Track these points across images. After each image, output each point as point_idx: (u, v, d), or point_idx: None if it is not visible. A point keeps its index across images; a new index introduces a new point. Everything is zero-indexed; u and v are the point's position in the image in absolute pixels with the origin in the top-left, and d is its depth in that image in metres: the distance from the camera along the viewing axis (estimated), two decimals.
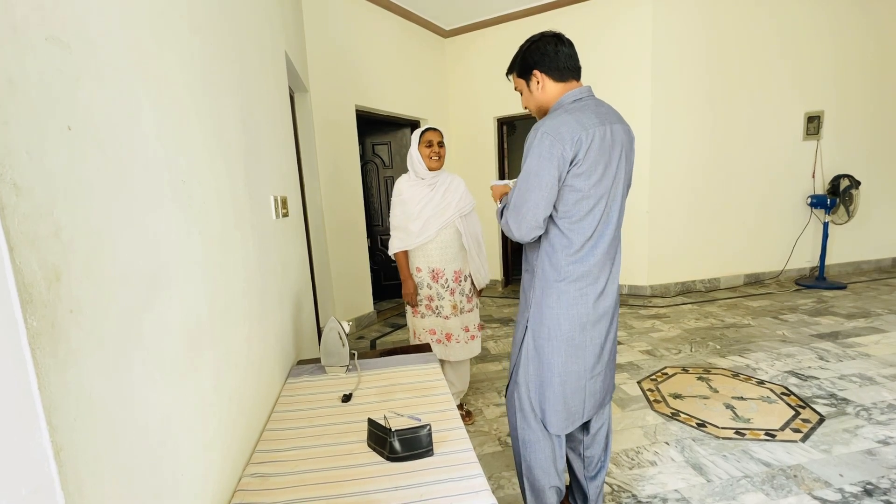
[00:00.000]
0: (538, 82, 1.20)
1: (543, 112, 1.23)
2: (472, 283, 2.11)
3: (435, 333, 2.05)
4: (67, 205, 0.49)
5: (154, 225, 0.69)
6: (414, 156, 1.98)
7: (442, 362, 2.11)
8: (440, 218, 1.97)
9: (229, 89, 1.17)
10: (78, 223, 0.51)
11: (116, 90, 0.62)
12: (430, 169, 1.97)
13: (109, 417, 0.54)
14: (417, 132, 1.99)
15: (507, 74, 1.29)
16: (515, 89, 1.29)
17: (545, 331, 1.22)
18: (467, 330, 2.08)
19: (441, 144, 1.97)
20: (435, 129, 1.98)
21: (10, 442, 0.41)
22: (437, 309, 2.04)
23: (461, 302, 2.05)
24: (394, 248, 2.03)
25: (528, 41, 1.21)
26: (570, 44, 1.19)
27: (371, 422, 1.07)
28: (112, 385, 0.55)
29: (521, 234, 1.17)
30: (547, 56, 1.17)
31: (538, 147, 1.11)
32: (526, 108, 1.29)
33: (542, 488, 1.32)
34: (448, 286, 2.03)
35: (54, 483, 0.44)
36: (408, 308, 2.12)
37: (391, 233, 2.06)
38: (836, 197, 4.15)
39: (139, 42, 0.69)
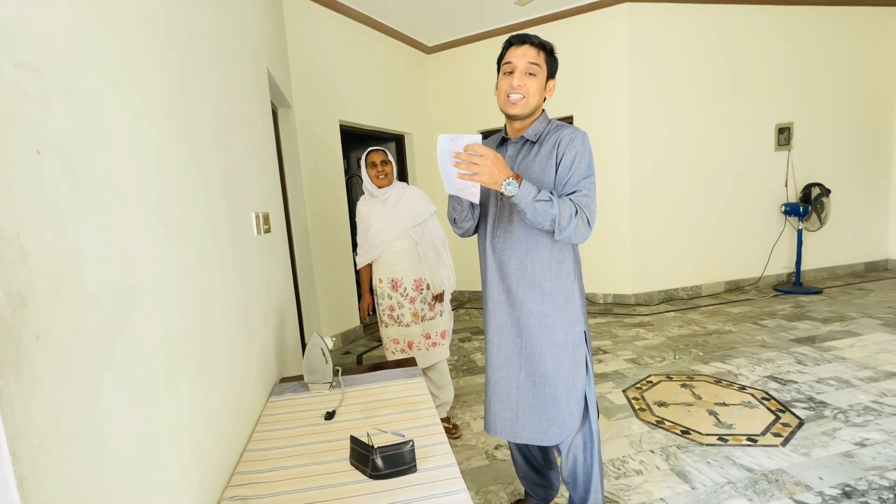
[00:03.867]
0: (550, 90, 1.22)
1: (531, 107, 1.19)
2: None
3: (398, 343, 2.12)
4: (35, 229, 0.49)
5: (128, 246, 0.69)
6: (364, 178, 2.12)
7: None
8: (394, 229, 2.06)
9: (209, 107, 1.17)
10: (46, 247, 0.50)
11: (89, 112, 0.61)
12: (379, 187, 2.09)
13: (77, 444, 0.53)
14: (363, 155, 2.10)
15: (537, 43, 1.16)
16: (532, 62, 1.15)
17: (588, 332, 1.27)
18: (428, 337, 2.12)
19: (385, 163, 2.08)
20: (377, 150, 2.09)
21: None
22: (398, 318, 2.10)
23: (423, 310, 2.10)
24: (359, 263, 2.18)
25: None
26: None
27: (353, 439, 1.06)
28: (80, 410, 0.54)
29: (589, 232, 1.13)
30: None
31: (591, 149, 1.18)
32: (519, 87, 1.16)
33: None
34: (408, 295, 2.09)
35: None
36: (378, 318, 2.19)
37: (357, 250, 2.18)
38: (809, 205, 4.30)
39: (114, 63, 0.69)
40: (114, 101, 0.69)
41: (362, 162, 2.11)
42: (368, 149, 2.10)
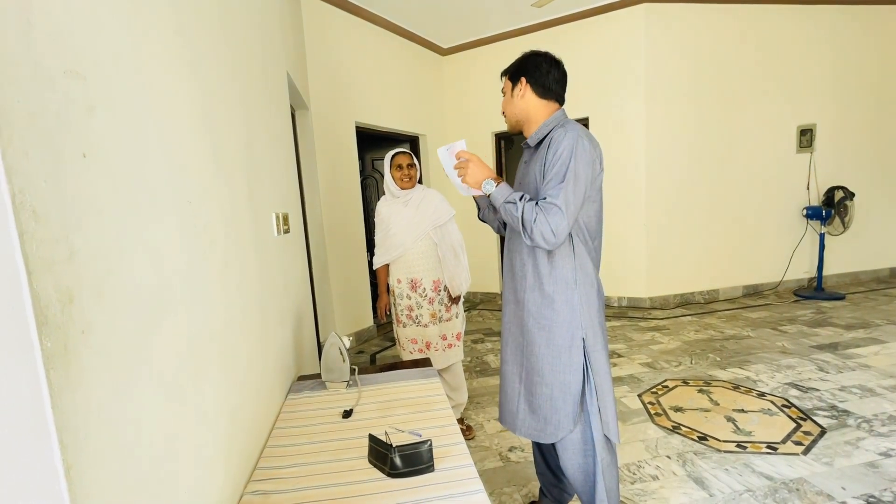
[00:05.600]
0: (520, 90, 1.26)
1: (516, 119, 1.30)
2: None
3: (416, 342, 2.13)
4: (81, 229, 0.51)
5: (161, 246, 0.71)
6: (387, 179, 2.12)
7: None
8: (415, 230, 2.07)
9: (232, 111, 1.20)
10: (90, 247, 0.53)
11: (127, 118, 0.64)
12: (403, 189, 2.10)
13: (116, 436, 0.55)
14: (388, 157, 2.11)
15: (502, 76, 1.34)
16: (502, 90, 1.34)
17: (591, 341, 1.25)
18: (445, 338, 2.13)
19: (411, 166, 2.10)
20: (403, 153, 2.10)
21: (24, 461, 0.43)
22: (416, 318, 2.12)
23: (440, 311, 2.12)
24: (376, 263, 2.19)
25: (528, 52, 1.28)
26: (563, 70, 1.27)
27: (372, 437, 1.08)
28: (119, 404, 0.56)
29: (557, 240, 1.11)
30: (539, 70, 1.25)
31: (581, 149, 1.14)
32: (503, 112, 1.34)
33: None
34: (426, 296, 2.10)
35: (64, 501, 0.45)
36: (393, 318, 2.21)
37: (375, 250, 2.19)
38: (831, 208, 4.19)
39: (148, 70, 0.72)
40: (149, 107, 0.71)
41: (386, 163, 2.11)
42: (395, 150, 2.11)
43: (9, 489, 0.42)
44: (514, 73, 1.28)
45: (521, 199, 1.15)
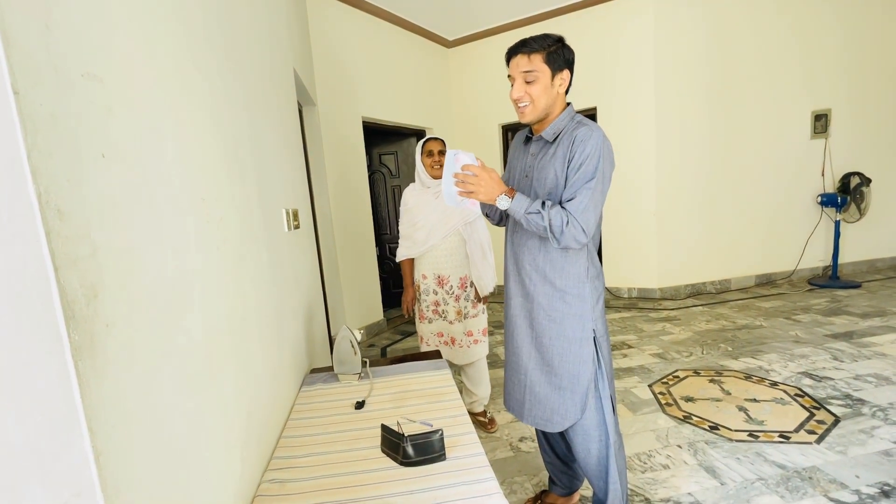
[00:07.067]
0: (562, 81, 1.20)
1: (540, 111, 1.20)
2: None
3: (442, 336, 2.12)
4: (102, 227, 0.53)
5: (178, 243, 0.73)
6: (418, 166, 2.05)
7: (458, 371, 2.16)
8: (445, 225, 2.01)
9: (242, 109, 1.22)
10: (111, 243, 0.55)
11: (143, 118, 0.66)
12: (434, 177, 2.02)
13: (141, 426, 0.57)
14: (420, 144, 2.05)
15: (527, 51, 1.15)
16: (525, 70, 1.16)
17: (601, 331, 1.27)
18: (470, 334, 2.10)
19: (442, 153, 2.01)
20: (436, 139, 2.03)
21: (56, 448, 0.45)
22: (442, 313, 2.09)
23: (466, 307, 2.09)
24: (400, 255, 2.11)
25: (561, 39, 1.18)
26: None
27: (384, 427, 1.10)
28: (143, 394, 0.58)
29: (588, 239, 1.14)
30: (574, 65, 1.22)
31: (606, 150, 1.16)
32: (520, 98, 1.19)
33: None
34: (453, 292, 2.07)
35: (95, 487, 0.47)
36: (416, 313, 2.16)
37: (399, 241, 2.12)
38: (847, 195, 4.11)
39: (162, 71, 0.74)
40: (164, 107, 0.73)
41: (418, 150, 2.05)
42: (427, 137, 2.06)
43: (42, 475, 0.44)
44: (558, 60, 1.16)
45: (543, 207, 1.13)
